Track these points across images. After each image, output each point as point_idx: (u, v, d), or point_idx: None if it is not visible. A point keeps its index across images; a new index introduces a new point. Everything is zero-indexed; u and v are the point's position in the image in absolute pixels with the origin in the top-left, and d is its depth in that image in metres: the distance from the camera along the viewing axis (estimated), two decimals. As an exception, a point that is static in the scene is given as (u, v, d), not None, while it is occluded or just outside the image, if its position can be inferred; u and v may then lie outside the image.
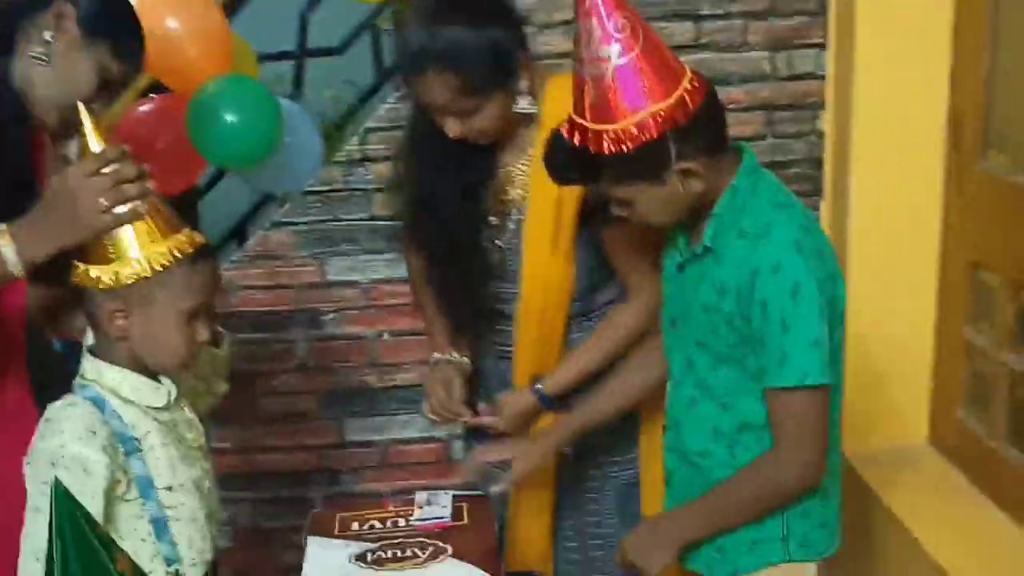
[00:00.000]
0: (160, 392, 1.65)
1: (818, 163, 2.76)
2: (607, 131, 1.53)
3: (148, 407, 1.64)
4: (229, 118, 2.38)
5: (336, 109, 3.50)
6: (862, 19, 2.50)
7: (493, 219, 2.00)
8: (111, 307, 1.58)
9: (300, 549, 2.10)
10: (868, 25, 2.50)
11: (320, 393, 2.93)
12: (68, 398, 1.61)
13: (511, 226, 1.99)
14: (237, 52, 2.57)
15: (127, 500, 1.58)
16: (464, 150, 1.91)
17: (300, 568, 1.75)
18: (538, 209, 1.96)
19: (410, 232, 2.10)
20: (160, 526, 1.61)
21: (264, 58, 2.93)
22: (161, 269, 1.55)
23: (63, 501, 1.28)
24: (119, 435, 1.59)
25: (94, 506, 1.52)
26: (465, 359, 2.14)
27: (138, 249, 1.55)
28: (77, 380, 1.64)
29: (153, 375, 1.65)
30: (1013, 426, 2.32)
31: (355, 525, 1.87)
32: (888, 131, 2.53)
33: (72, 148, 3.29)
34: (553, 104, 1.90)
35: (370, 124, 2.82)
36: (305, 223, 2.81)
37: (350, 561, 1.75)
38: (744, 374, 1.66)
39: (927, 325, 2.60)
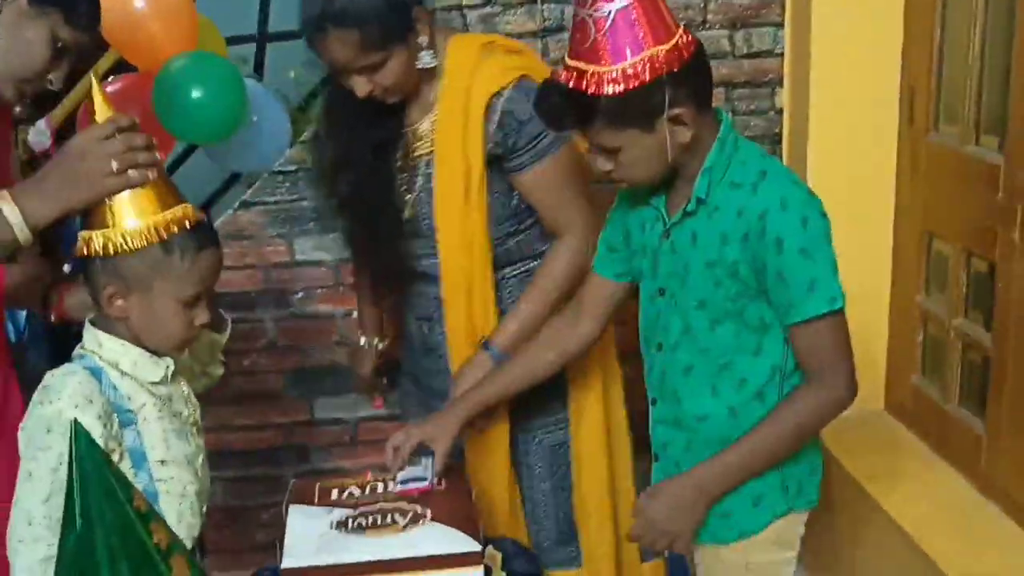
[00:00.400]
0: (158, 366, 1.66)
1: (777, 139, 2.82)
2: (605, 73, 1.57)
3: (145, 380, 1.65)
4: (195, 93, 2.40)
5: (299, 90, 3.50)
6: (817, -3, 2.56)
7: (402, 176, 2.06)
8: (111, 288, 1.60)
9: (271, 527, 2.12)
10: (824, 4, 2.55)
11: (289, 372, 2.95)
12: (67, 366, 1.62)
13: (420, 181, 2.04)
14: (203, 30, 2.58)
15: None
16: (373, 110, 1.97)
17: (273, 545, 1.75)
18: (446, 163, 2.01)
19: (328, 194, 2.13)
20: (150, 498, 1.60)
21: (226, 42, 2.94)
22: (167, 235, 1.56)
23: (82, 439, 1.31)
24: (115, 406, 1.61)
25: None
26: (380, 342, 2.36)
27: (137, 217, 1.56)
28: (77, 350, 1.66)
29: (152, 349, 1.67)
30: (966, 390, 2.39)
31: (335, 493, 1.89)
32: (843, 106, 2.59)
33: (32, 134, 3.30)
34: (455, 59, 1.98)
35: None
36: (273, 203, 2.83)
37: (331, 527, 1.76)
38: (744, 328, 1.70)
39: (882, 294, 2.67)
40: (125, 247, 1.56)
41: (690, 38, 1.62)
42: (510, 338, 2.04)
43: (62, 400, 1.55)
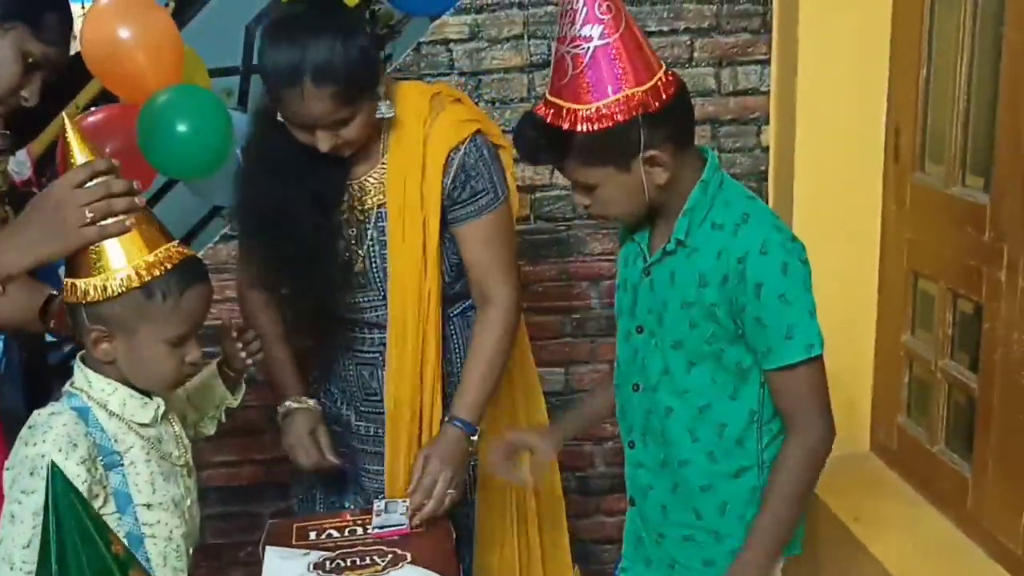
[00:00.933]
0: (147, 408, 1.64)
1: (763, 176, 2.81)
2: (580, 110, 1.56)
3: (133, 422, 1.62)
4: (180, 128, 2.37)
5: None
6: (804, 36, 2.56)
7: (351, 231, 2.03)
8: (95, 332, 1.57)
9: (248, 565, 2.09)
10: (809, 41, 2.56)
11: (270, 407, 2.89)
12: (53, 406, 1.60)
13: (373, 234, 2.02)
14: (188, 63, 2.56)
15: (104, 514, 1.55)
16: (307, 162, 1.92)
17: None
18: (401, 214, 2.00)
19: (259, 250, 2.07)
20: (135, 541, 1.59)
21: (211, 73, 2.93)
22: (150, 279, 1.52)
23: (59, 481, 1.27)
24: (101, 448, 1.58)
25: None
26: (316, 405, 2.15)
27: (124, 260, 1.52)
28: (66, 387, 1.63)
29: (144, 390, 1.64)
30: (952, 431, 2.37)
31: (313, 534, 1.86)
32: (829, 144, 2.59)
33: (11, 164, 3.26)
34: (405, 108, 1.97)
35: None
36: (255, 235, 2.79)
37: (309, 570, 1.74)
38: (719, 371, 1.69)
39: (868, 333, 2.65)
40: (106, 294, 1.52)
41: (671, 78, 1.61)
42: (475, 411, 2.03)
43: (46, 443, 1.52)
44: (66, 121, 1.52)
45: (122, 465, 1.59)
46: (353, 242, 2.03)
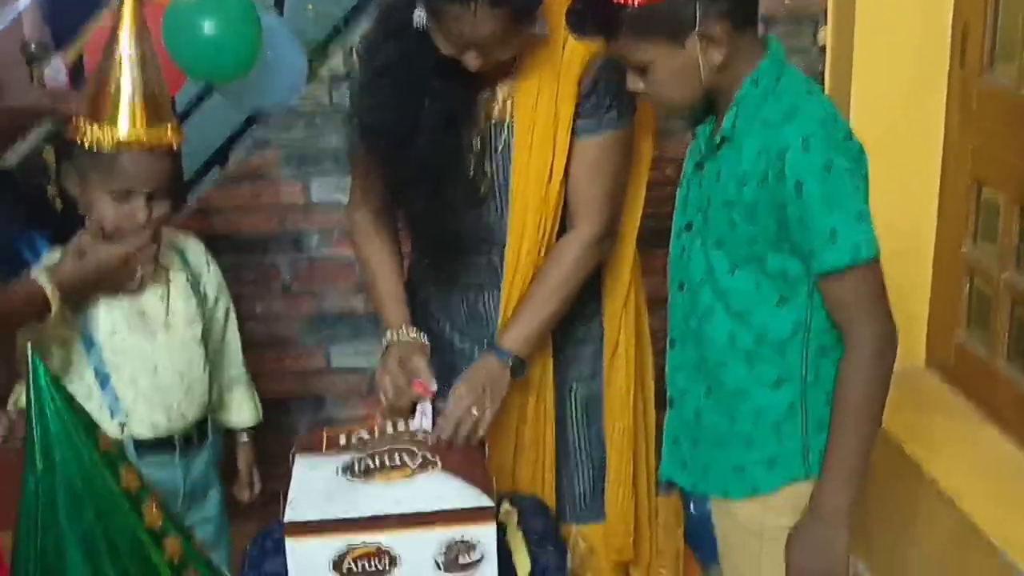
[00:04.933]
0: None
1: (819, 78, 2.68)
2: None
3: None
4: (207, 27, 2.30)
5: (318, 25, 3.40)
6: (866, -73, 2.43)
7: (476, 143, 1.92)
8: (69, 171, 1.90)
9: (284, 478, 2.07)
10: (872, -66, 2.43)
11: (305, 318, 2.87)
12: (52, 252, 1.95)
13: (499, 147, 1.92)
14: (216, -39, 2.47)
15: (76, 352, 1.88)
16: (438, 72, 1.80)
17: (286, 496, 1.68)
18: (527, 130, 1.89)
19: (380, 165, 1.95)
20: (103, 378, 1.90)
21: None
22: (85, 145, 1.82)
23: (42, 378, 1.29)
24: None
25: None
26: (421, 335, 1.97)
27: (128, 127, 1.82)
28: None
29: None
30: (1014, 346, 2.29)
31: (342, 439, 1.82)
32: (890, 45, 2.47)
33: (47, 70, 3.22)
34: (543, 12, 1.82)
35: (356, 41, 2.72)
36: (288, 142, 2.73)
37: (338, 473, 1.69)
38: (762, 277, 1.61)
39: (927, 245, 2.57)
40: (107, 145, 1.82)
41: None
42: (520, 342, 1.92)
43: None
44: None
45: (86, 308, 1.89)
46: (476, 156, 1.92)
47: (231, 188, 2.77)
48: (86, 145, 1.81)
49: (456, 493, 1.64)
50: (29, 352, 1.50)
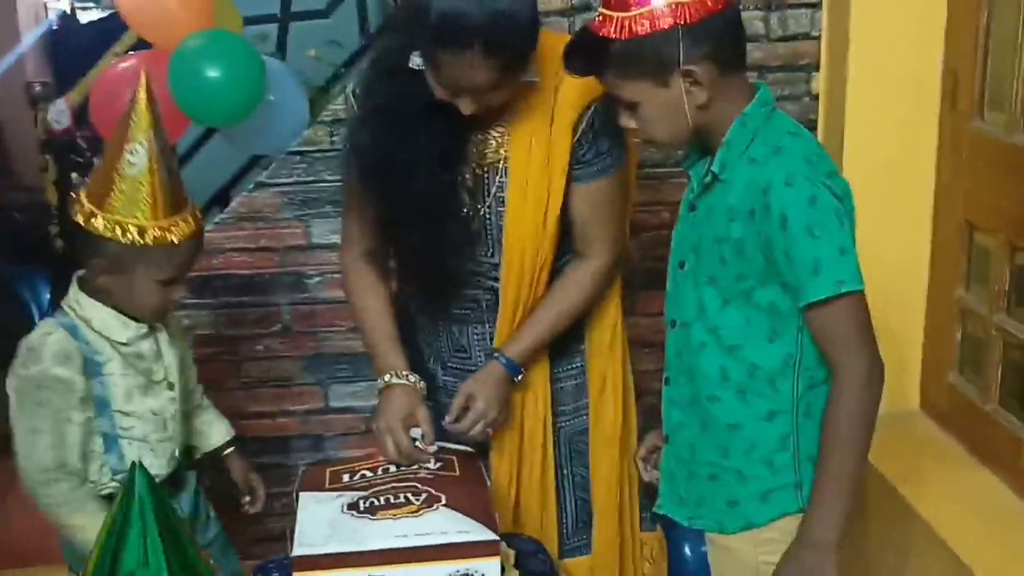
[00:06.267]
0: (128, 328, 1.92)
1: (812, 125, 2.71)
2: (621, 18, 1.56)
3: (112, 339, 1.90)
4: (211, 73, 2.34)
5: (319, 69, 3.45)
6: (857, -23, 2.46)
7: (469, 184, 1.95)
8: (98, 262, 1.86)
9: (284, 516, 2.08)
10: (863, -17, 2.46)
11: (304, 358, 2.89)
12: (44, 325, 1.89)
13: (492, 190, 1.95)
14: (219, 8, 2.52)
15: (87, 416, 1.89)
16: (432, 113, 1.83)
17: (283, 535, 1.71)
18: (521, 174, 1.92)
19: (373, 204, 1.97)
20: (111, 441, 1.92)
21: (248, 21, 2.88)
22: (152, 244, 1.82)
23: (144, 480, 1.31)
24: (86, 358, 1.87)
25: (77, 416, 1.86)
26: (419, 381, 1.99)
27: (142, 218, 1.81)
28: (62, 302, 1.93)
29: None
30: (1006, 390, 2.29)
31: (346, 476, 1.83)
32: (882, 91, 2.49)
33: (51, 113, 3.24)
34: (536, 57, 1.85)
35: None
36: (289, 184, 2.76)
37: (343, 511, 1.71)
38: (753, 312, 1.64)
39: (919, 288, 2.57)
40: (114, 235, 1.81)
41: None
42: (525, 355, 1.98)
43: (47, 360, 1.83)
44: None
45: (102, 375, 1.89)
46: (469, 196, 1.95)
47: (232, 229, 2.79)
48: (131, 241, 1.82)
49: (461, 528, 1.66)
50: (137, 465, 1.36)
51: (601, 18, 1.60)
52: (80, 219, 1.83)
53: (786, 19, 2.69)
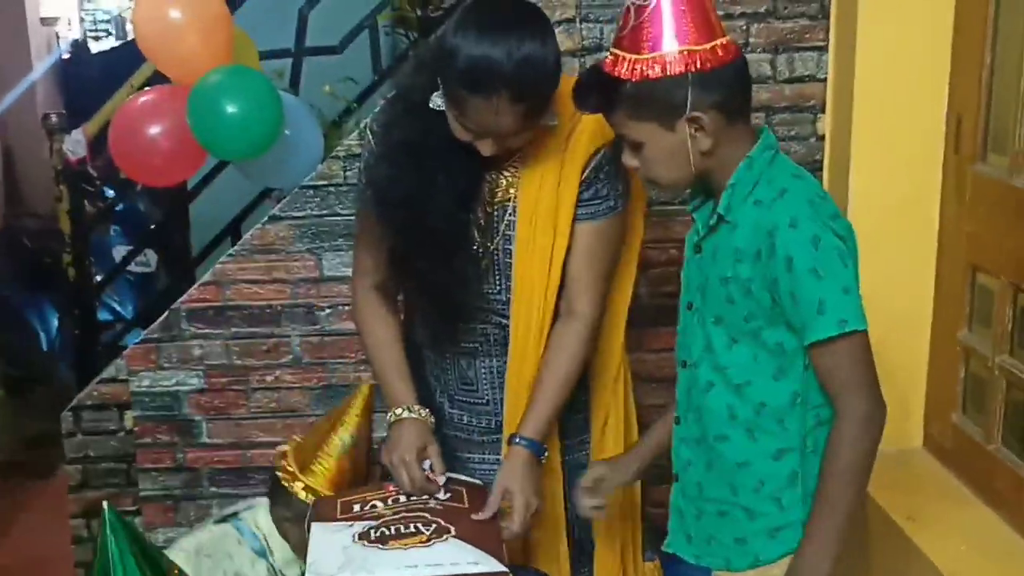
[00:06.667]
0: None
1: (818, 165, 2.75)
2: (634, 60, 1.60)
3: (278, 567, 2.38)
4: (230, 108, 2.37)
5: (332, 104, 3.49)
6: (863, 21, 2.50)
7: (481, 222, 1.98)
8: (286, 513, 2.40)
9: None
10: (869, 27, 2.50)
11: (314, 389, 2.91)
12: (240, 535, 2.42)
13: (501, 228, 1.99)
14: (238, 44, 2.56)
15: None
16: (448, 151, 1.87)
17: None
18: (530, 214, 1.96)
19: (388, 238, 2.00)
20: None
21: (262, 56, 2.93)
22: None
23: (114, 519, 1.36)
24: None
25: None
26: (429, 415, 2.02)
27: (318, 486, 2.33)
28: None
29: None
30: (1009, 430, 2.31)
31: (357, 507, 1.86)
32: (887, 133, 2.53)
33: (67, 143, 3.26)
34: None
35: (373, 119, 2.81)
36: (302, 217, 2.80)
37: (354, 541, 1.73)
38: (760, 350, 1.67)
39: (923, 328, 2.59)
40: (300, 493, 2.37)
41: (732, 47, 1.62)
42: (543, 429, 1.98)
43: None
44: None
45: None
46: (481, 233, 1.98)
47: (245, 260, 2.82)
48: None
49: (471, 559, 1.68)
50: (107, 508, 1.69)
51: (613, 58, 1.64)
52: (284, 478, 2.35)
53: (793, 61, 2.73)
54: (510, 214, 1.98)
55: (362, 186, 2.04)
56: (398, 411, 2.01)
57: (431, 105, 1.84)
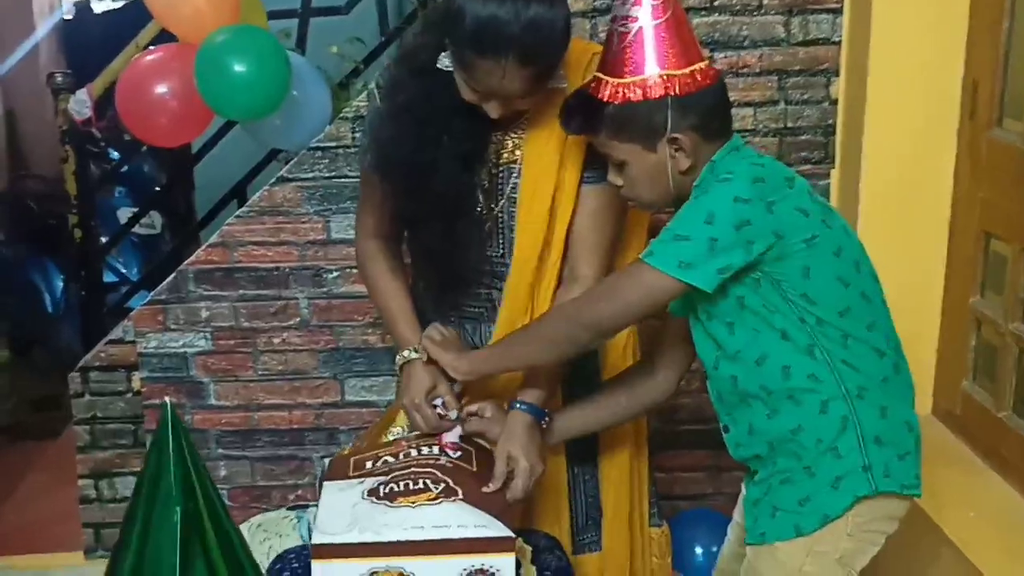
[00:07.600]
0: None
1: (830, 130, 2.73)
2: (617, 84, 1.69)
3: None
4: (237, 68, 2.35)
5: (339, 65, 3.45)
6: (879, -17, 2.48)
7: (485, 184, 1.97)
8: None
9: (296, 509, 2.12)
10: (885, -11, 2.47)
11: (321, 351, 2.91)
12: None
13: (506, 190, 1.97)
14: (246, 3, 2.54)
15: None
16: (455, 112, 1.85)
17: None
18: (533, 175, 1.94)
19: (392, 198, 1.99)
20: None
21: (269, 16, 2.89)
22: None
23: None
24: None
25: None
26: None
27: None
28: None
29: None
30: (1020, 397, 2.31)
31: (369, 463, 1.85)
32: (902, 98, 2.51)
33: (72, 103, 3.22)
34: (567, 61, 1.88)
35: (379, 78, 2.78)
36: (310, 179, 2.78)
37: (363, 497, 1.73)
38: (756, 322, 1.71)
39: (935, 295, 2.59)
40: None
41: (710, 71, 1.70)
42: (547, 397, 1.96)
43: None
44: None
45: None
46: (486, 196, 1.97)
47: (252, 222, 2.81)
48: None
49: (478, 522, 1.67)
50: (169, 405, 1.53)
51: (596, 82, 1.72)
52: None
53: (807, 23, 2.69)
54: (515, 176, 1.96)
55: (366, 146, 2.03)
56: (405, 353, 2.00)
57: (439, 66, 1.82)
